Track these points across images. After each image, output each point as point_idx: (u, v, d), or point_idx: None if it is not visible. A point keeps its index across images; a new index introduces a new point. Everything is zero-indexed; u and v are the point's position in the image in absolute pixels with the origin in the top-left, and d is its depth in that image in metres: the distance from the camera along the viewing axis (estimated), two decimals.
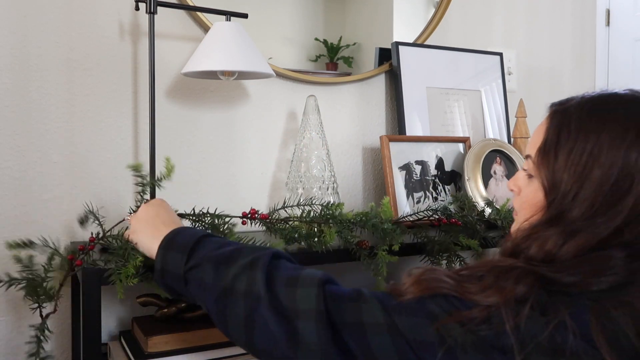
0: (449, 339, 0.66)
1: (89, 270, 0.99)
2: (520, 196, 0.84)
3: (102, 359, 1.04)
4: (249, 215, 1.17)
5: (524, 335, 0.64)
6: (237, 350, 1.19)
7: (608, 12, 2.22)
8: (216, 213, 1.16)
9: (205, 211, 1.17)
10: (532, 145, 0.81)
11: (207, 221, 1.15)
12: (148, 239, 0.95)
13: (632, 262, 0.69)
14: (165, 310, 1.23)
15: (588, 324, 0.65)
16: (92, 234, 1.12)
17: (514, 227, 0.85)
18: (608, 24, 2.23)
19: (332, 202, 1.25)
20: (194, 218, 1.16)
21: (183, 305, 1.24)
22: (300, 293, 0.74)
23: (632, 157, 0.71)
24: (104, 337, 1.32)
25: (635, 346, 0.65)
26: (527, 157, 0.82)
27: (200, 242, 0.87)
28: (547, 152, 0.77)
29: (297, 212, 1.21)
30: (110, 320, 1.35)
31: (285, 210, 1.20)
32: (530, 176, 0.81)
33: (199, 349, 1.16)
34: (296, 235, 1.15)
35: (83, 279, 0.99)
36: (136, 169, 1.14)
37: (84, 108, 1.31)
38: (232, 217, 1.16)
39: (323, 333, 0.71)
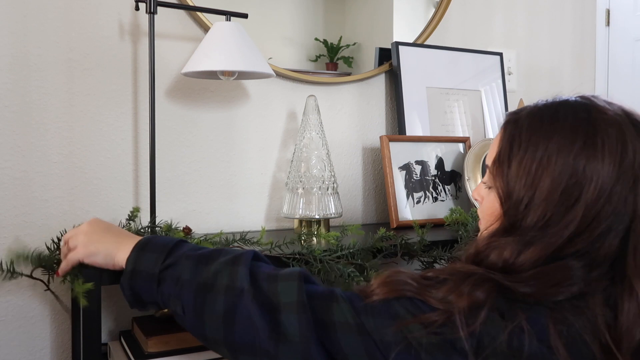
0: (412, 339, 0.68)
1: (89, 270, 0.99)
2: (482, 205, 0.85)
3: (102, 359, 1.04)
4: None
5: (480, 339, 0.66)
6: None
7: (608, 12, 2.22)
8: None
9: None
10: (490, 156, 0.83)
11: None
12: (112, 245, 0.90)
13: (590, 272, 0.70)
14: (166, 310, 1.23)
15: (546, 329, 0.66)
16: None
17: (479, 235, 0.86)
18: (608, 24, 2.23)
19: None
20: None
21: None
22: (282, 286, 0.76)
23: (579, 165, 0.71)
24: (104, 337, 1.32)
25: (593, 353, 0.66)
26: (486, 167, 0.84)
27: (178, 244, 0.87)
28: (501, 162, 0.78)
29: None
30: (110, 320, 1.35)
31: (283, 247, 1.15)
32: (489, 187, 0.82)
33: (199, 349, 1.16)
34: None
35: (83, 279, 0.99)
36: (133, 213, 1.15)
37: (84, 108, 1.32)
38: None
39: (305, 322, 0.73)
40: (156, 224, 1.20)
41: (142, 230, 1.18)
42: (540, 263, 0.71)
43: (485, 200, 0.84)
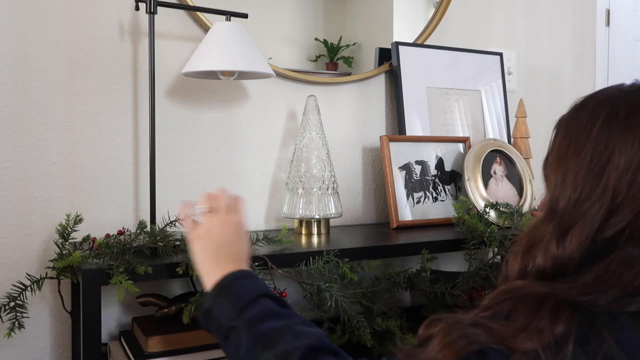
0: None
1: (89, 270, 0.99)
2: None
3: (102, 359, 1.04)
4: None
5: None
6: None
7: (608, 12, 2.22)
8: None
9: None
10: None
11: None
12: (207, 267, 0.89)
13: None
14: (165, 310, 1.23)
15: (636, 343, 0.62)
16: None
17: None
18: (608, 24, 2.23)
19: None
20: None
21: (183, 305, 1.24)
22: None
23: (604, 135, 0.71)
24: (104, 337, 1.32)
25: None
26: None
27: (252, 302, 0.81)
28: (546, 157, 0.79)
29: None
30: (110, 320, 1.35)
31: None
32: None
33: (199, 349, 1.16)
34: None
35: (83, 279, 0.99)
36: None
37: (84, 108, 1.32)
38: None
39: None
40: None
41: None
42: (587, 249, 0.68)
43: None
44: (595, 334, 0.62)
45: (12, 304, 1.09)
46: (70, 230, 1.16)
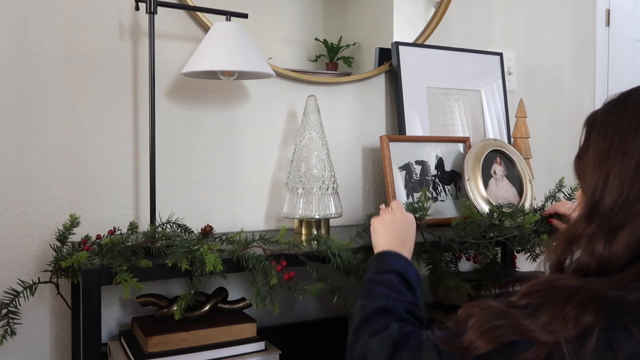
0: None
1: (89, 270, 0.99)
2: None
3: (102, 359, 1.04)
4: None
5: None
6: (237, 350, 1.20)
7: (608, 12, 2.22)
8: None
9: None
10: None
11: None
12: (382, 239, 1.08)
13: None
14: (165, 310, 1.23)
15: None
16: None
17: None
18: (608, 24, 2.22)
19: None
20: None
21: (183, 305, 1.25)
22: (374, 344, 0.81)
23: None
24: (104, 337, 1.32)
25: None
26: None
27: (387, 272, 0.96)
28: (581, 153, 0.79)
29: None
30: (110, 320, 1.35)
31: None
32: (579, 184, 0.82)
33: (199, 349, 1.16)
34: None
35: (83, 279, 0.99)
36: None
37: (84, 108, 1.32)
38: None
39: None
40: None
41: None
42: (634, 250, 0.69)
43: (579, 195, 0.83)
44: (623, 329, 0.63)
45: (4, 311, 1.09)
46: (68, 233, 1.16)
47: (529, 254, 1.33)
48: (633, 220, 0.70)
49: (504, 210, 1.40)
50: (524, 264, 1.68)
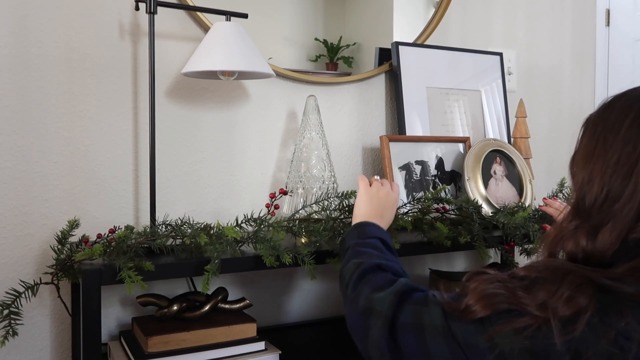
0: (504, 346, 0.67)
1: (89, 270, 1.00)
2: None
3: (102, 359, 1.04)
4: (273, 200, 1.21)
5: (579, 345, 0.64)
6: (237, 350, 1.20)
7: (608, 12, 2.22)
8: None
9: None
10: None
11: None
12: (362, 212, 1.12)
13: None
14: (165, 310, 1.23)
15: None
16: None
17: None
18: (608, 24, 2.22)
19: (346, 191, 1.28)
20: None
21: (183, 305, 1.25)
22: (379, 295, 0.84)
23: (631, 135, 0.72)
24: (104, 337, 1.32)
25: None
26: None
27: (371, 237, 1.02)
28: (573, 155, 0.80)
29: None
30: (110, 320, 1.35)
31: (305, 210, 1.28)
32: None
33: (199, 349, 1.16)
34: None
35: (83, 279, 0.99)
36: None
37: (84, 108, 1.32)
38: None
39: (382, 332, 0.80)
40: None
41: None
42: (620, 247, 0.70)
43: None
44: (616, 312, 0.64)
45: (5, 311, 1.09)
46: (68, 235, 1.16)
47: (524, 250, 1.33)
48: (614, 219, 0.71)
49: (506, 211, 1.40)
50: (525, 263, 1.68)
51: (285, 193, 1.24)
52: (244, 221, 1.16)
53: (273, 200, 1.20)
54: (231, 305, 1.30)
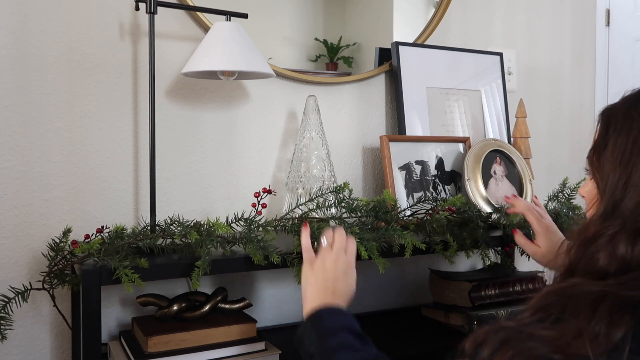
0: None
1: (89, 270, 1.00)
2: (586, 199, 0.82)
3: (102, 359, 1.04)
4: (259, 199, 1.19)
5: None
6: (237, 350, 1.20)
7: (608, 12, 2.22)
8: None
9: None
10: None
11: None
12: (311, 294, 0.96)
13: None
14: (165, 310, 1.23)
15: None
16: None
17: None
18: (608, 24, 2.22)
19: (338, 185, 1.25)
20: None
21: (183, 305, 1.25)
22: None
23: None
24: (104, 337, 1.32)
25: None
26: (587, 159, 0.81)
27: (335, 333, 0.86)
28: (598, 146, 0.76)
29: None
30: (110, 320, 1.35)
31: (300, 209, 1.26)
32: (591, 178, 0.79)
33: (199, 349, 1.16)
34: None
35: (83, 279, 0.99)
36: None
37: (84, 108, 1.32)
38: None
39: None
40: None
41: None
42: None
43: (588, 192, 0.81)
44: None
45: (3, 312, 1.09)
46: (62, 243, 1.15)
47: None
48: None
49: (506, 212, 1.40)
50: (524, 263, 1.69)
51: (269, 192, 1.20)
52: (234, 220, 1.16)
53: (258, 199, 1.17)
54: (231, 305, 1.30)
